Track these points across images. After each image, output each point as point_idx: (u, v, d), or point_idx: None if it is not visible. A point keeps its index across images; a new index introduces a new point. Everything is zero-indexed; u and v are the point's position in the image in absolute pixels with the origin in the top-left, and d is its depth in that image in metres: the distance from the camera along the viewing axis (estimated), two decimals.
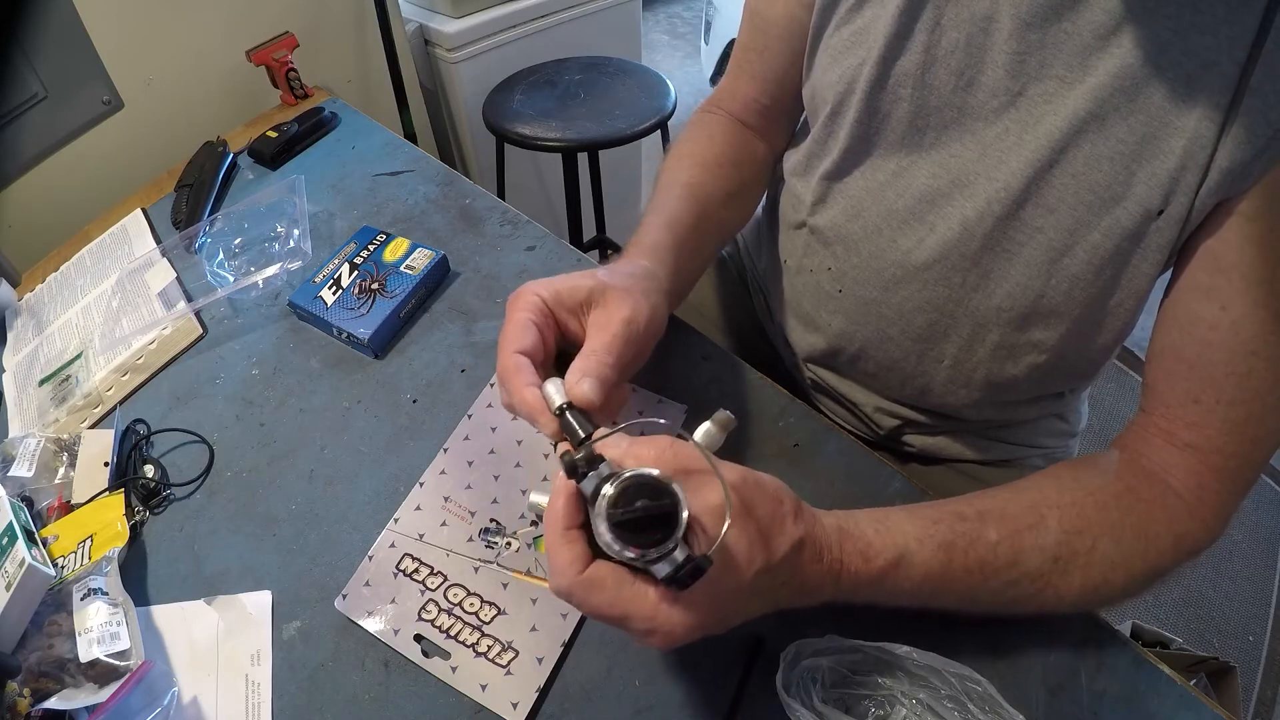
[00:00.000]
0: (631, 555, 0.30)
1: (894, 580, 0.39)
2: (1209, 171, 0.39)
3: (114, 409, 0.62)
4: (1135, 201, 0.42)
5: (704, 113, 0.65)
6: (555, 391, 0.39)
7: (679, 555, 0.30)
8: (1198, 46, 0.38)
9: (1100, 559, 0.41)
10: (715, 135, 0.62)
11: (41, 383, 0.67)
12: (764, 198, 0.74)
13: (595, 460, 0.32)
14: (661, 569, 0.30)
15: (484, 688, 0.44)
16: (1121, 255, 0.44)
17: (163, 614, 0.49)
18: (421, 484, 0.54)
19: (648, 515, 0.29)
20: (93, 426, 0.61)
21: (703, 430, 0.36)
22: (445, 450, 0.55)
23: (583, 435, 0.37)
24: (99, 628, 0.45)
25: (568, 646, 0.45)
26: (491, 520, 0.51)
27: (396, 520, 0.52)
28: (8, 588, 0.46)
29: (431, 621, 0.47)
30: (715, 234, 0.59)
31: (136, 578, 0.51)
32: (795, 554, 0.35)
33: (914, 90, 0.47)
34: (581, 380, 0.39)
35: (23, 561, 0.47)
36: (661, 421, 0.40)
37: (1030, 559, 0.40)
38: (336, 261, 0.68)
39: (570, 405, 0.38)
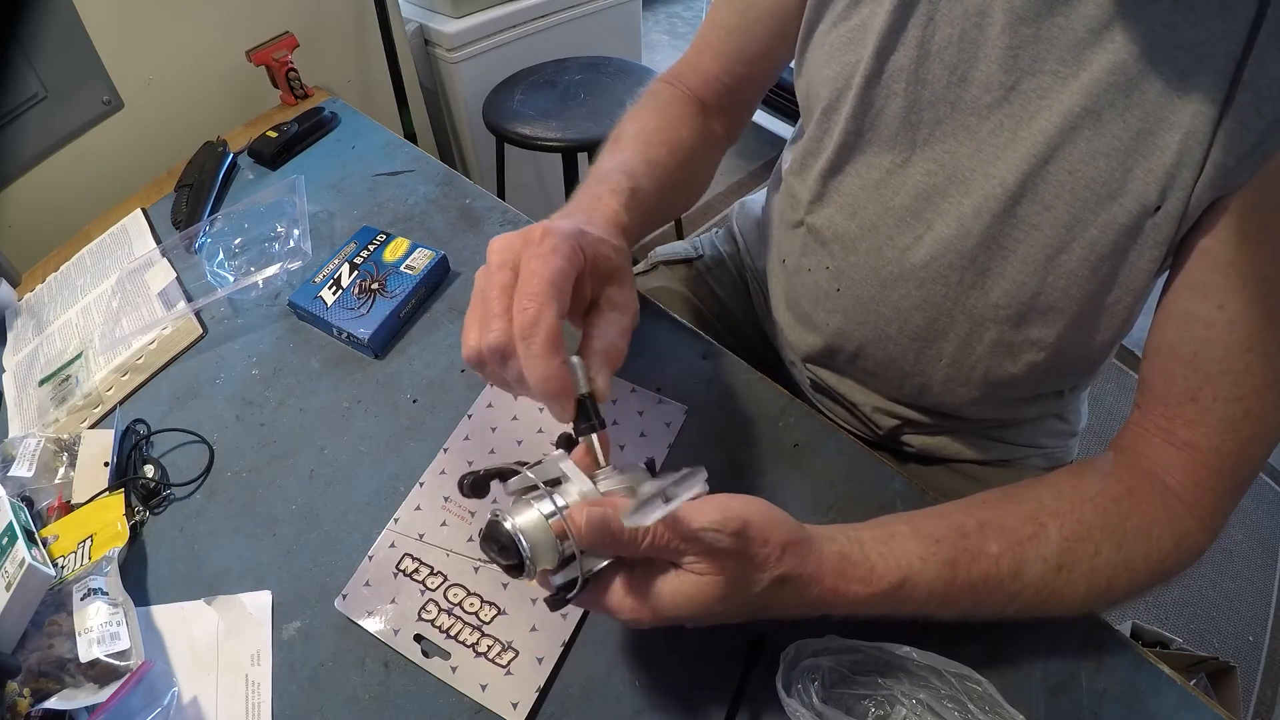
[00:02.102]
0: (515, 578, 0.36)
1: (897, 599, 0.39)
2: (1205, 166, 0.39)
3: (114, 409, 0.62)
4: (1132, 197, 0.42)
5: (665, 84, 0.63)
6: (578, 370, 0.37)
7: (559, 579, 0.36)
8: (1191, 41, 0.38)
9: (1104, 564, 0.41)
10: (684, 117, 0.60)
11: (41, 383, 0.67)
12: (764, 197, 0.75)
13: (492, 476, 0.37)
14: (546, 598, 0.36)
15: (484, 688, 0.44)
16: (1119, 252, 0.44)
17: (163, 614, 0.49)
18: (421, 484, 0.53)
19: (502, 546, 0.34)
20: (93, 426, 0.61)
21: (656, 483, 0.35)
22: (445, 450, 0.55)
23: (592, 425, 0.37)
24: (99, 628, 0.45)
25: (568, 646, 0.45)
26: None
27: (396, 520, 0.52)
28: (8, 588, 0.46)
29: (431, 621, 0.47)
30: (660, 209, 0.57)
31: (136, 578, 0.51)
32: (776, 587, 0.36)
33: (908, 85, 0.47)
34: (602, 372, 0.37)
35: (23, 561, 0.47)
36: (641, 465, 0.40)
37: (1033, 569, 0.40)
38: (336, 261, 0.68)
39: (589, 395, 0.37)
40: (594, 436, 0.37)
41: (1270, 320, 0.39)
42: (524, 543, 0.34)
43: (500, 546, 0.34)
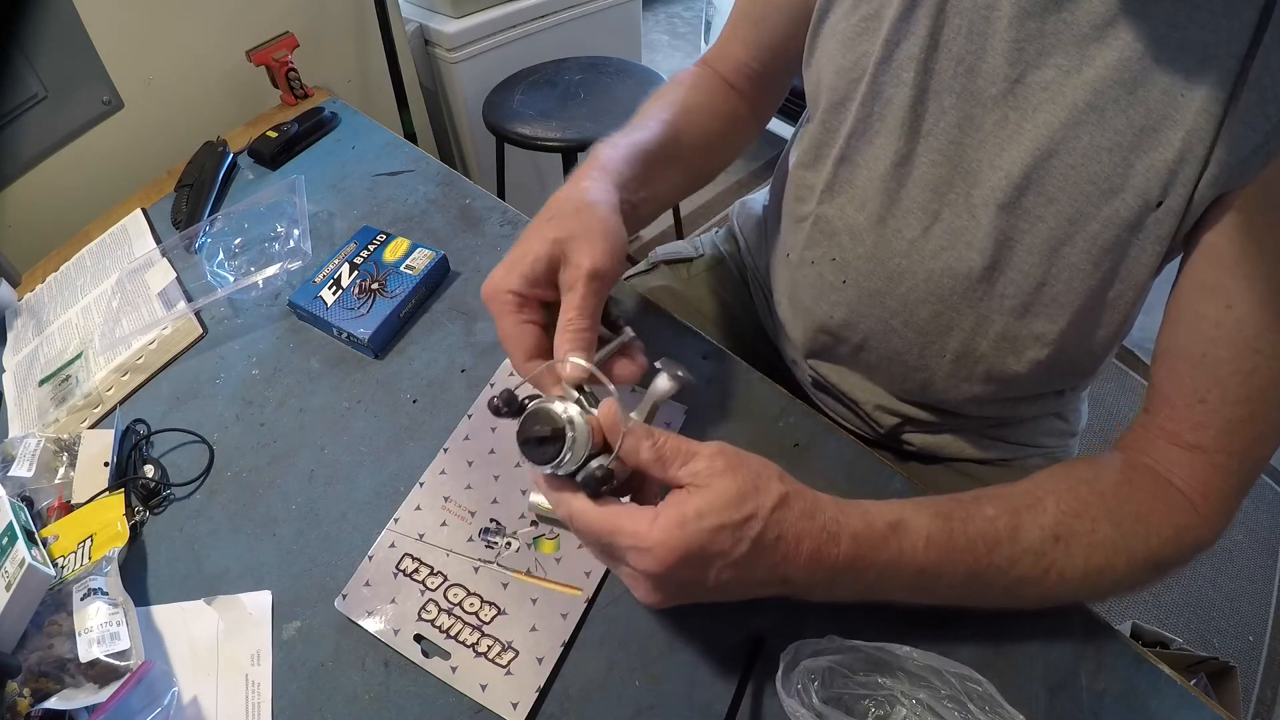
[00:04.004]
0: (541, 469, 0.37)
1: (898, 545, 0.38)
2: (1208, 164, 0.39)
3: (114, 409, 0.62)
4: (1134, 193, 0.42)
5: (693, 66, 0.66)
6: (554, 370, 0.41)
7: (593, 466, 0.37)
8: (1196, 41, 0.38)
9: (1102, 540, 0.41)
10: (701, 85, 0.63)
11: (41, 383, 0.67)
12: (766, 194, 0.75)
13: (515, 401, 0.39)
14: (580, 477, 0.37)
15: (484, 688, 0.44)
16: (1120, 245, 0.44)
17: (163, 614, 0.49)
18: (421, 484, 0.53)
19: (542, 437, 0.37)
20: (93, 426, 0.61)
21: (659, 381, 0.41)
22: (445, 450, 0.55)
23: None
24: (99, 628, 0.45)
25: (568, 646, 0.45)
26: (491, 520, 0.51)
27: (396, 520, 0.52)
28: (8, 588, 0.46)
29: (431, 621, 0.47)
30: (682, 173, 0.59)
31: (136, 578, 0.51)
32: (783, 506, 0.36)
33: (917, 74, 0.47)
34: (567, 361, 0.40)
35: (23, 561, 0.47)
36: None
37: (1030, 534, 0.40)
38: (336, 261, 0.68)
39: (580, 388, 0.40)
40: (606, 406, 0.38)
41: (1277, 320, 0.39)
42: (572, 425, 0.36)
43: (540, 429, 0.37)
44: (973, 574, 0.40)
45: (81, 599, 0.46)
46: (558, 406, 0.37)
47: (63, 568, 0.50)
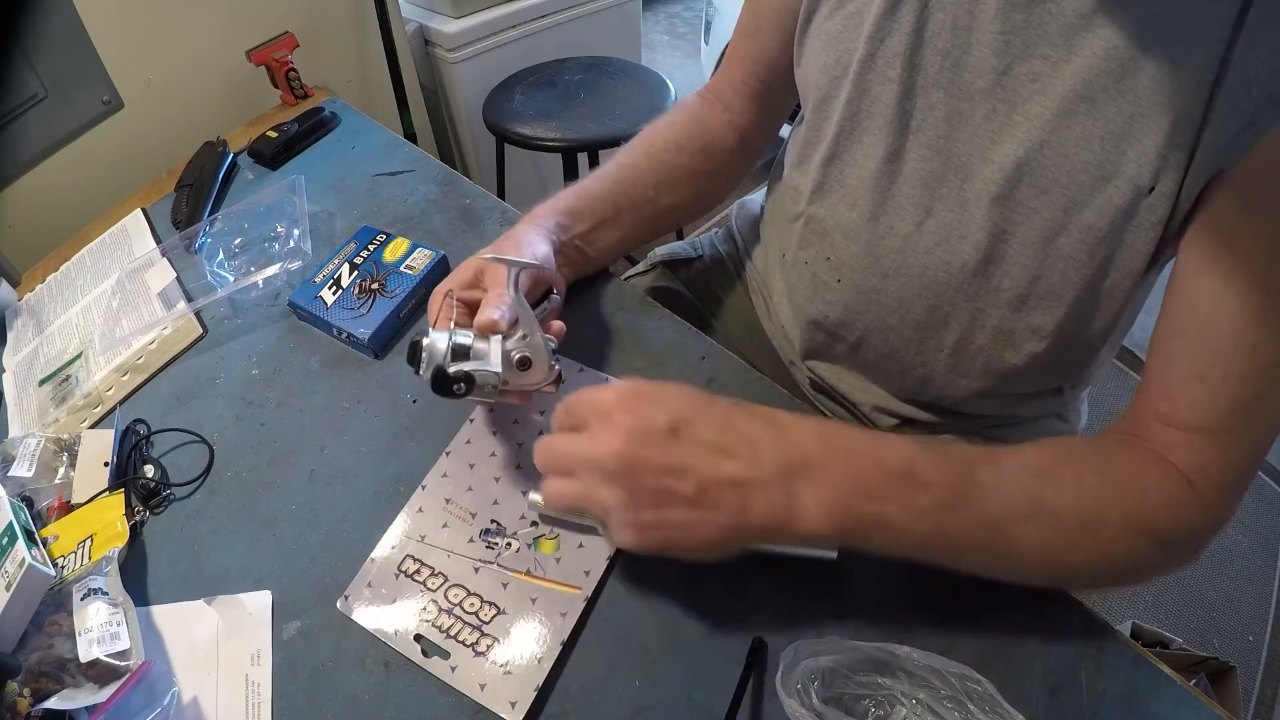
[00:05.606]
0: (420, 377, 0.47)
1: (896, 448, 0.40)
2: (1197, 148, 0.39)
3: (114, 409, 0.62)
4: (1126, 179, 0.42)
5: (694, 97, 0.67)
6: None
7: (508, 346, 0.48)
8: (1181, 26, 0.38)
9: (1091, 487, 0.40)
10: (678, 120, 0.64)
11: (41, 383, 0.67)
12: (763, 194, 0.75)
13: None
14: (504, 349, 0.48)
15: (483, 687, 0.44)
16: (1114, 233, 0.44)
17: (163, 614, 0.49)
18: (424, 486, 0.54)
19: (411, 352, 0.48)
20: (93, 426, 0.61)
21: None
22: (447, 453, 0.55)
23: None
24: (99, 628, 0.45)
25: (567, 646, 0.45)
26: (492, 521, 0.51)
27: (398, 521, 0.52)
28: (8, 588, 0.46)
29: (431, 621, 0.47)
30: (640, 213, 0.63)
31: (136, 578, 0.51)
32: (746, 416, 0.41)
33: (903, 71, 0.47)
34: (485, 311, 0.47)
35: (23, 561, 0.47)
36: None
37: (1012, 474, 0.41)
38: (336, 261, 0.68)
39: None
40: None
41: (1276, 297, 0.38)
42: (426, 336, 0.47)
43: (412, 346, 0.47)
44: (958, 493, 0.40)
45: (81, 599, 0.46)
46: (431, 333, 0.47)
47: (63, 568, 0.50)
